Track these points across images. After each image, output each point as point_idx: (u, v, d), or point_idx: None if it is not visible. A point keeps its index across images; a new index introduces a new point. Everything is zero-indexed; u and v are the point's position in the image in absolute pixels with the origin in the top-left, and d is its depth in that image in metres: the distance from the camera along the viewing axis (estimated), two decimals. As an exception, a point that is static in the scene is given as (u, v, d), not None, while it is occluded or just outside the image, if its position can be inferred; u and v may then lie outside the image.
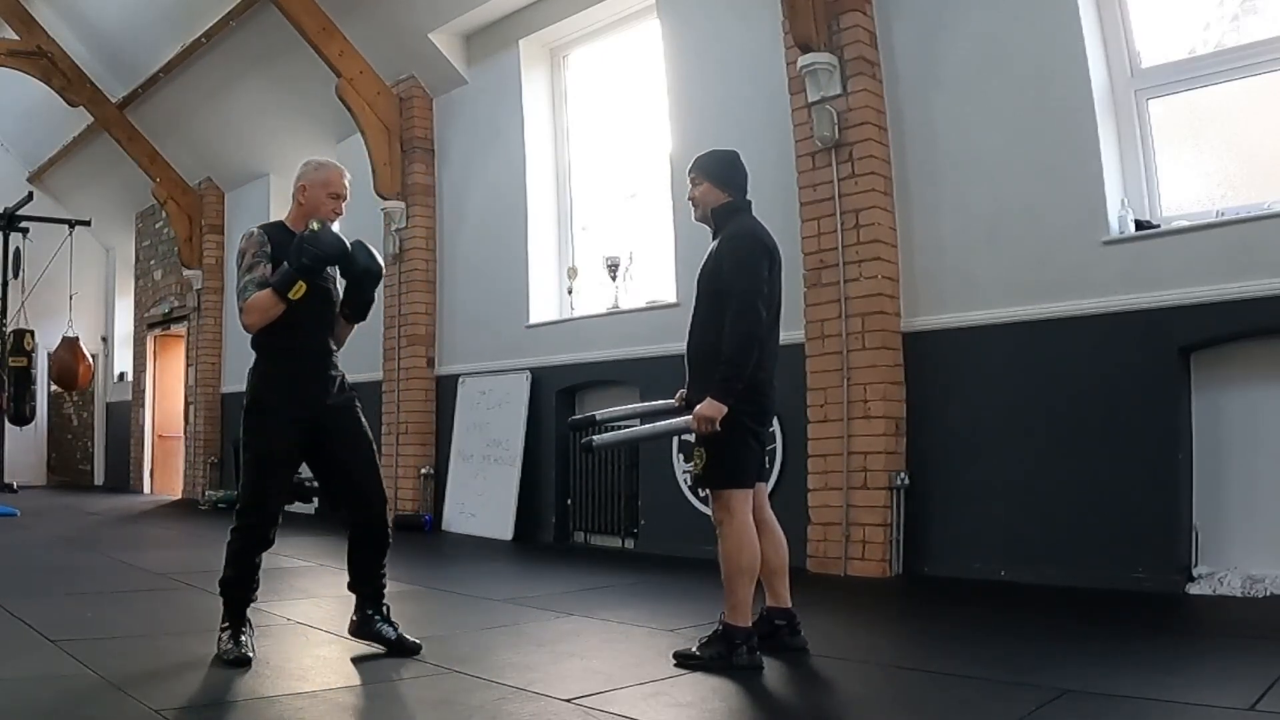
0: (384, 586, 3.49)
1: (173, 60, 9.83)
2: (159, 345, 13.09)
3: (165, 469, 12.57)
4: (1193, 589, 4.28)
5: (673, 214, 6.53)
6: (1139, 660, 3.22)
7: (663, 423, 3.53)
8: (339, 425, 3.42)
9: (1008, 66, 5.08)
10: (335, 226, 3.42)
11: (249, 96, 9.89)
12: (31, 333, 11.22)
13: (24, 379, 10.92)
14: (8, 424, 10.87)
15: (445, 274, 8.45)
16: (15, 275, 10.89)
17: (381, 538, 3.46)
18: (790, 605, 3.46)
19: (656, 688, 2.96)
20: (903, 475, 5.21)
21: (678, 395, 3.60)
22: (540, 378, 7.40)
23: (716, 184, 3.46)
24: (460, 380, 8.09)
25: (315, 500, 9.41)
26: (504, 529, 7.24)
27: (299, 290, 3.25)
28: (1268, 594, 4.09)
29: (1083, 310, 4.74)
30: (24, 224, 10.94)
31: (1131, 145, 4.87)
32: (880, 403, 5.23)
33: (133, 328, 13.78)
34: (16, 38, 10.75)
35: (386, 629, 3.41)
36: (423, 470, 8.24)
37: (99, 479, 14.39)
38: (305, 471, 3.55)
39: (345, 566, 3.47)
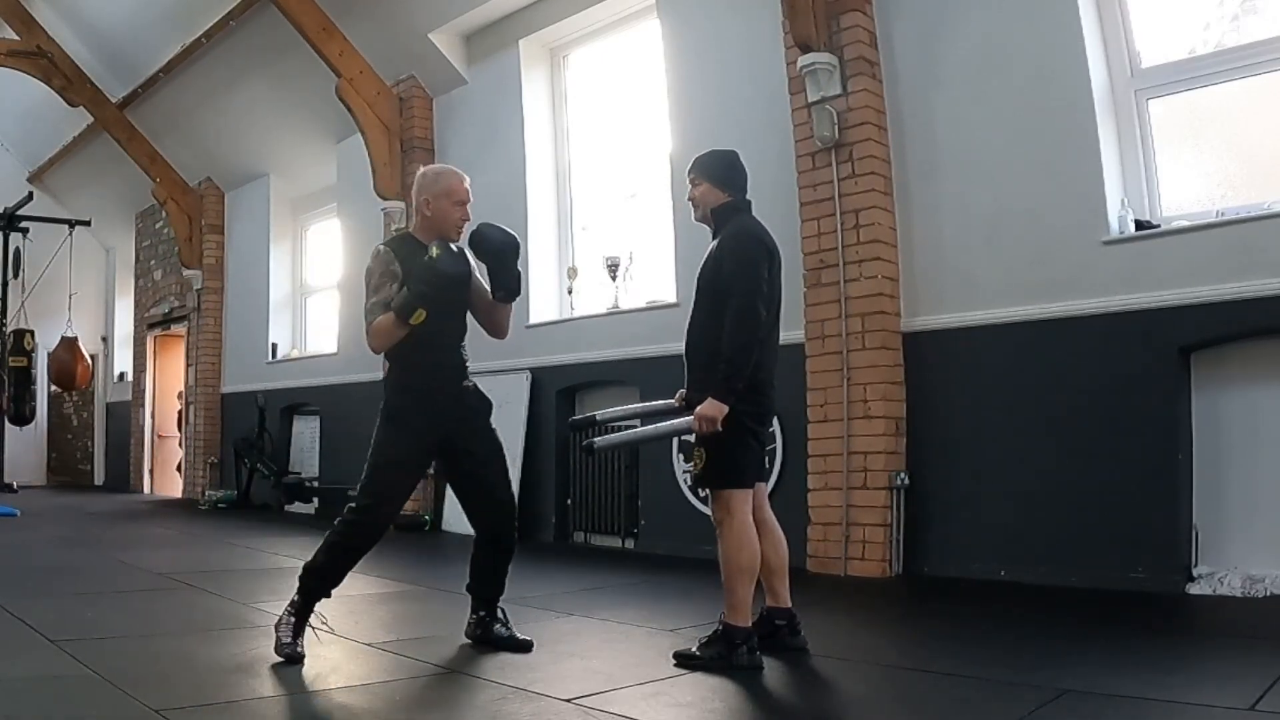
0: (502, 591, 3.58)
1: (173, 60, 9.84)
2: (159, 345, 13.09)
3: (165, 469, 12.56)
4: (1193, 589, 4.28)
5: (673, 214, 6.53)
6: (1139, 660, 3.22)
7: (664, 424, 3.53)
8: (471, 438, 3.48)
9: (1008, 66, 5.08)
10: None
11: (249, 96, 9.89)
12: (31, 333, 11.22)
13: (24, 379, 10.92)
14: (8, 424, 10.87)
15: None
16: (15, 275, 10.89)
17: (509, 547, 3.56)
18: (790, 605, 3.46)
19: (656, 688, 2.96)
20: (903, 475, 5.21)
21: (678, 395, 3.60)
22: (540, 378, 7.39)
23: (716, 184, 3.46)
24: (460, 380, 8.07)
25: (315, 500, 9.42)
26: (504, 529, 7.23)
27: (420, 317, 3.28)
28: (1268, 594, 4.09)
29: (1083, 310, 4.74)
30: (24, 224, 10.94)
31: (1131, 145, 4.87)
32: (880, 403, 5.23)
33: (133, 328, 13.78)
34: (16, 38, 10.76)
35: (501, 630, 3.49)
36: (423, 470, 8.23)
37: (99, 479, 14.39)
38: (306, 472, 3.57)
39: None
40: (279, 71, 9.25)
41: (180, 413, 12.04)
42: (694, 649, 3.23)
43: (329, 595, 3.36)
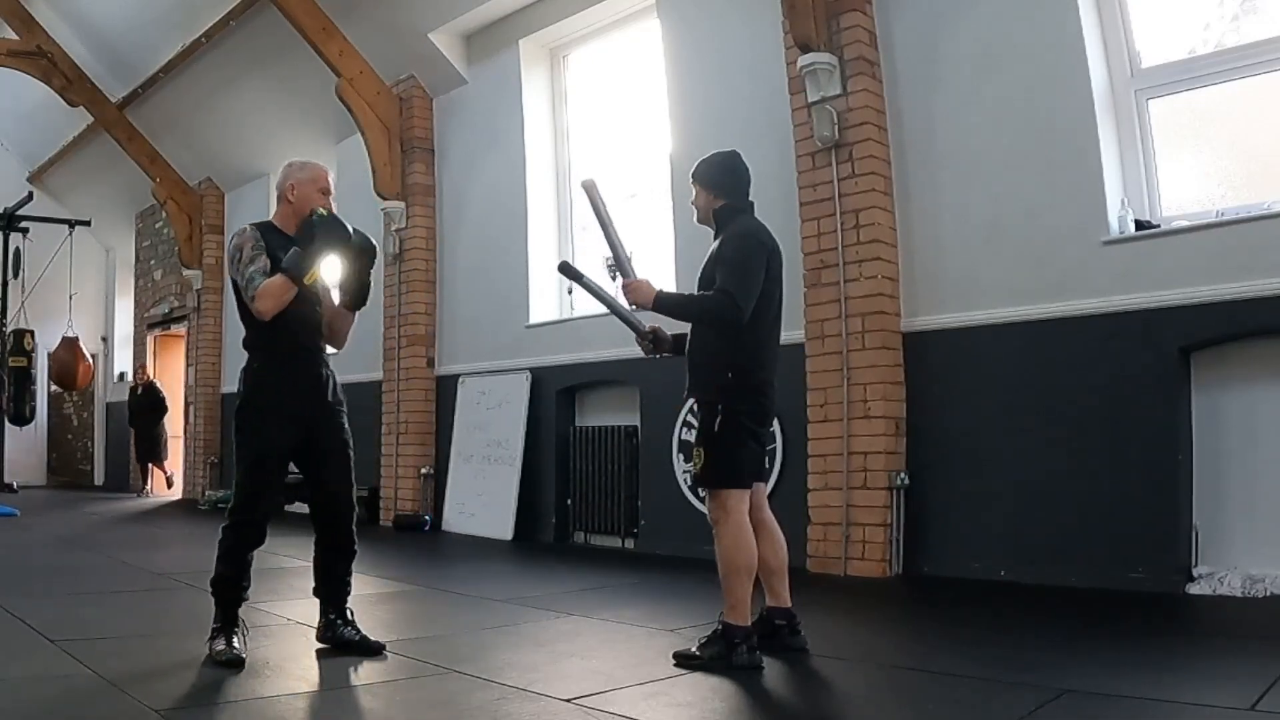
0: (349, 592, 3.50)
1: (173, 60, 9.84)
2: (159, 345, 13.09)
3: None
4: (1193, 589, 4.28)
5: (673, 214, 6.53)
6: (1139, 660, 3.22)
7: (622, 309, 3.56)
8: (324, 431, 3.43)
9: (1008, 66, 5.08)
10: None
11: (249, 96, 9.89)
12: (31, 333, 11.23)
13: (24, 379, 10.93)
14: (8, 424, 10.88)
15: (445, 274, 8.45)
16: (15, 275, 10.89)
17: (348, 546, 3.48)
18: (790, 605, 3.46)
19: (656, 688, 2.95)
20: (903, 475, 5.21)
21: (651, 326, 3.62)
22: (540, 378, 7.40)
23: (711, 190, 3.49)
24: (460, 380, 8.09)
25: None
26: (504, 529, 7.24)
27: (313, 275, 3.26)
28: (1268, 594, 4.09)
29: (1083, 310, 4.74)
30: (24, 224, 10.94)
31: (1131, 145, 4.87)
32: (880, 403, 5.23)
33: (133, 328, 13.79)
34: (16, 38, 10.76)
35: (349, 631, 3.43)
36: (423, 470, 8.24)
37: (99, 479, 14.39)
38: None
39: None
40: (279, 71, 9.25)
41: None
42: (693, 649, 3.24)
43: (246, 598, 3.35)
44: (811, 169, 5.55)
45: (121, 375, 14.24)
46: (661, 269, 6.80)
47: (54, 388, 13.37)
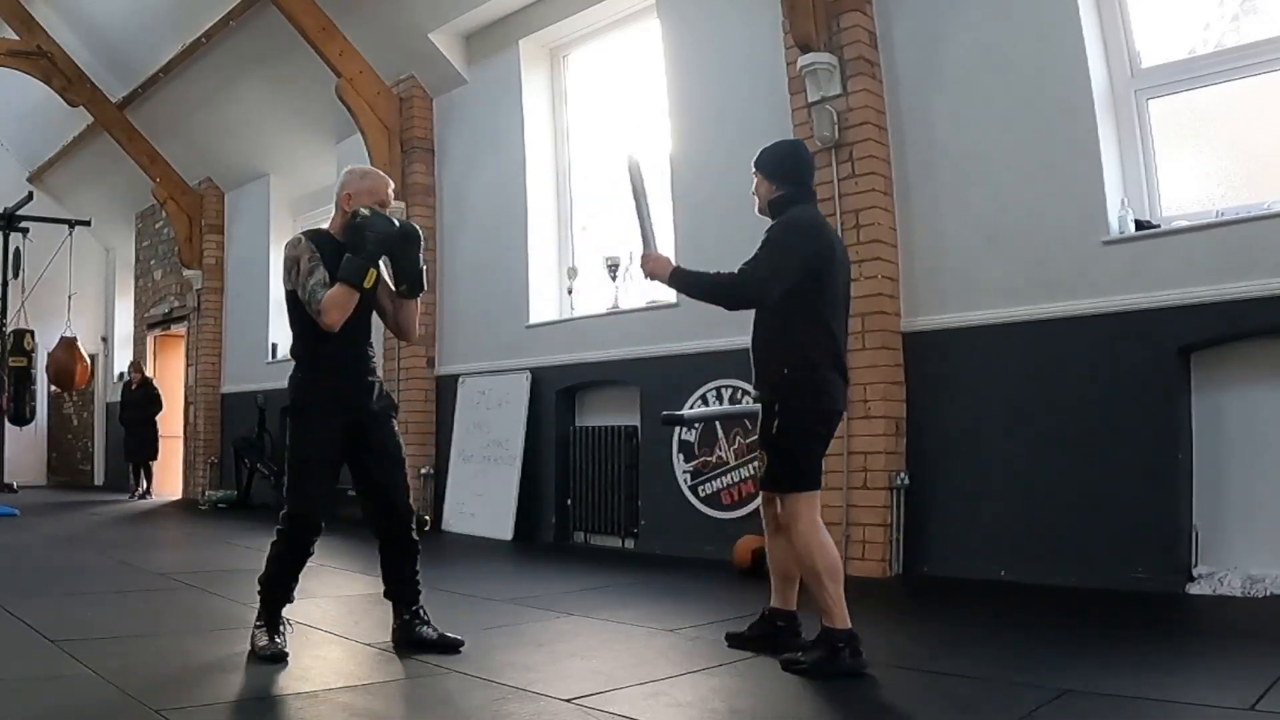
0: (419, 590, 3.52)
1: (173, 60, 9.84)
2: (159, 345, 13.09)
3: (165, 469, 12.56)
4: (1193, 589, 4.28)
5: (673, 214, 6.52)
6: (1139, 660, 3.22)
7: (739, 407, 3.47)
8: (374, 434, 3.44)
9: (1008, 66, 5.08)
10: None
11: (249, 96, 9.89)
12: (31, 333, 11.22)
13: (24, 379, 10.92)
14: (8, 424, 10.88)
15: (445, 274, 8.45)
16: (15, 275, 10.89)
17: (408, 544, 3.49)
18: (795, 609, 3.42)
19: (656, 688, 2.95)
20: (903, 475, 5.21)
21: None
22: (540, 378, 7.40)
23: (769, 177, 3.39)
24: (460, 380, 8.09)
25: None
26: (504, 529, 7.24)
27: (372, 278, 3.27)
28: (1268, 594, 4.09)
29: (1083, 310, 4.74)
30: (24, 224, 10.94)
31: (1131, 145, 4.87)
32: (880, 403, 5.22)
33: (133, 328, 13.79)
34: (16, 38, 10.76)
35: (426, 630, 3.45)
36: (423, 470, 8.24)
37: (99, 479, 14.39)
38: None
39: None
40: (279, 71, 9.25)
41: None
42: (799, 655, 3.13)
43: (291, 600, 3.39)
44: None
45: (121, 375, 14.25)
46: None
47: (54, 388, 13.36)
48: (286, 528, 3.34)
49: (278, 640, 3.28)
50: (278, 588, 3.35)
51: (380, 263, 3.38)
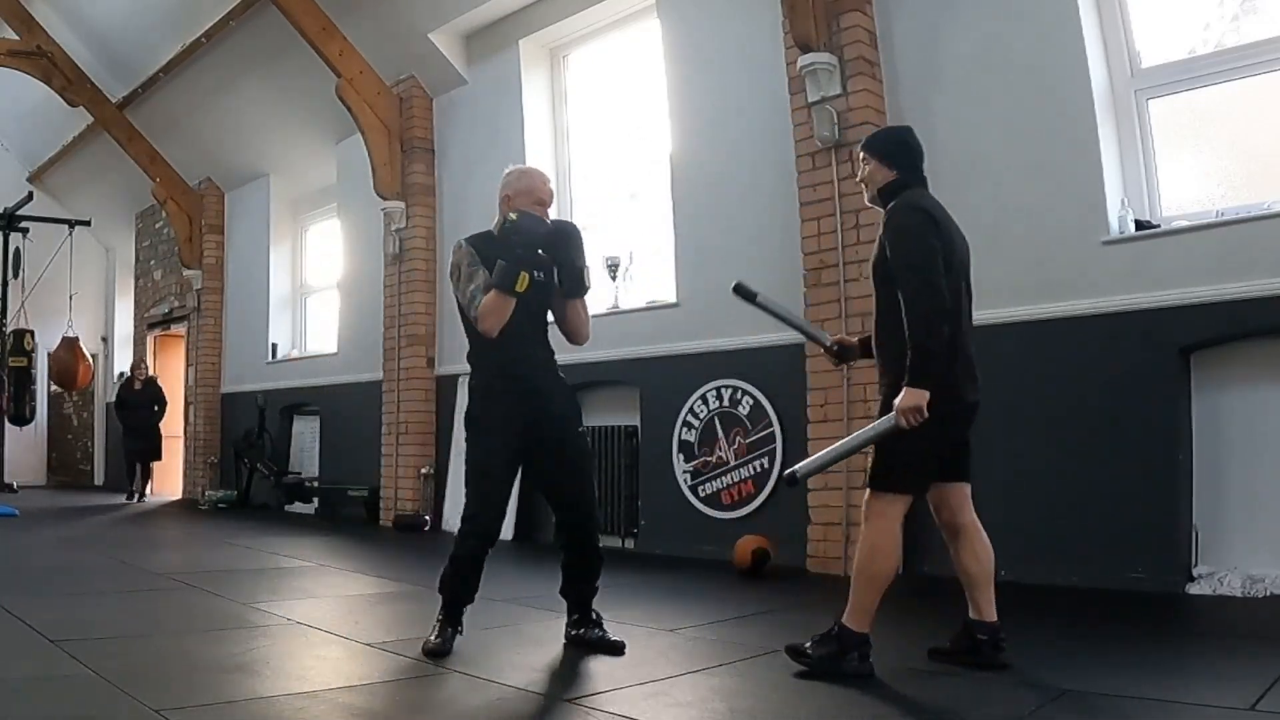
0: (595, 593, 3.55)
1: (173, 60, 9.84)
2: (159, 345, 13.09)
3: (165, 469, 12.56)
4: (1193, 589, 4.28)
5: (673, 214, 6.52)
6: (1139, 660, 3.22)
7: (865, 431, 3.17)
8: (551, 439, 3.42)
9: (1008, 66, 5.08)
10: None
11: (249, 96, 9.89)
12: (31, 333, 11.23)
13: (24, 379, 10.92)
14: (8, 424, 10.88)
15: (445, 274, 8.43)
16: (15, 275, 10.90)
17: (593, 551, 3.51)
18: (995, 620, 3.14)
19: (656, 688, 2.95)
20: (903, 475, 5.20)
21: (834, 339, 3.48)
22: (540, 378, 7.38)
23: (883, 160, 3.22)
24: (460, 380, 8.08)
25: (315, 500, 9.42)
26: (504, 529, 7.23)
27: (524, 282, 3.24)
28: (1268, 594, 4.09)
29: (1083, 310, 4.74)
30: (24, 224, 10.95)
31: (1131, 145, 4.87)
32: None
33: (133, 328, 13.79)
34: (16, 38, 10.77)
35: (596, 633, 3.48)
36: (423, 470, 8.25)
37: (99, 479, 14.39)
38: (306, 472, 3.56)
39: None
40: (279, 71, 9.25)
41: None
42: (806, 645, 3.09)
43: (471, 600, 3.42)
44: (811, 169, 5.54)
45: (121, 375, 14.25)
46: (661, 269, 6.82)
47: (54, 388, 13.36)
48: (464, 530, 3.36)
49: (445, 639, 3.33)
50: (455, 590, 3.38)
51: (533, 268, 3.33)
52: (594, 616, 3.53)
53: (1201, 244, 4.46)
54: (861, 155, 3.30)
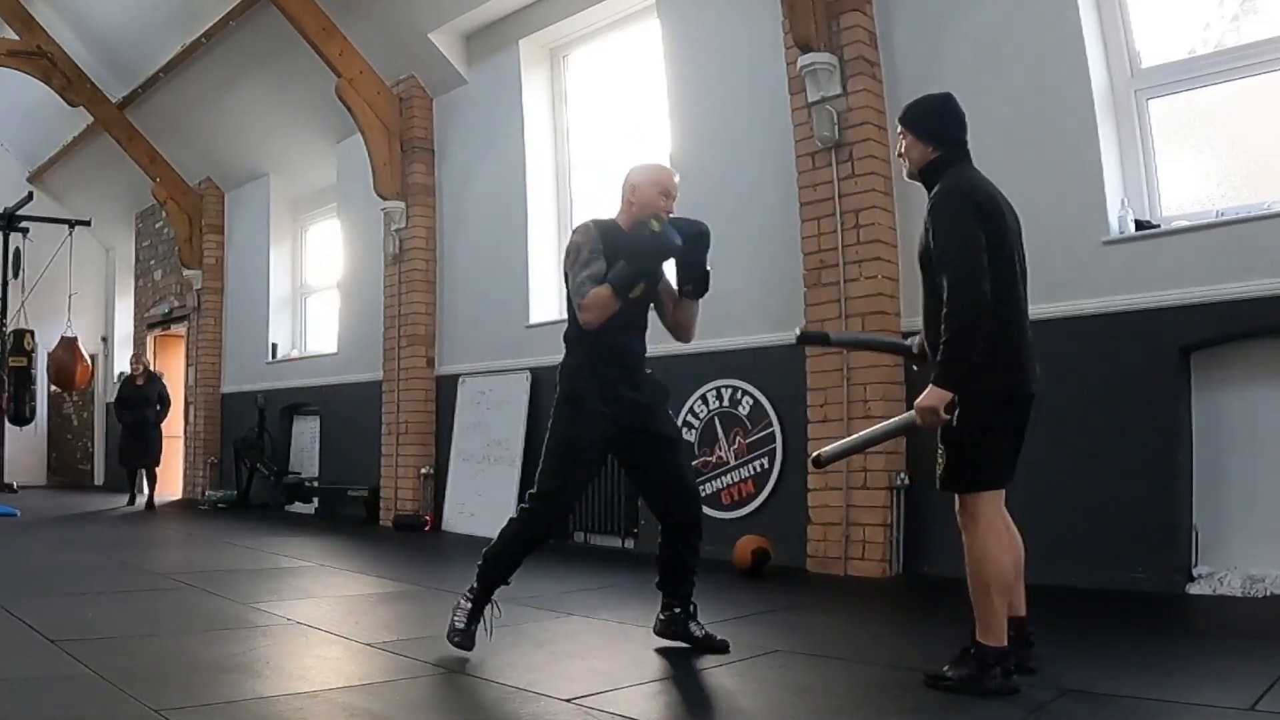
0: (693, 586, 3.50)
1: (173, 60, 9.84)
2: (159, 345, 13.08)
3: (165, 469, 12.55)
4: (1193, 589, 4.28)
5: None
6: (1139, 660, 3.22)
7: (888, 423, 3.10)
8: (650, 423, 3.40)
9: (1008, 66, 5.08)
10: None
11: (249, 96, 9.89)
12: (31, 333, 11.22)
13: (24, 379, 10.91)
14: (8, 424, 10.87)
15: (445, 274, 8.45)
16: (15, 275, 10.90)
17: (695, 536, 3.47)
18: (1024, 614, 3.02)
19: (656, 688, 2.96)
20: (903, 475, 5.21)
21: (915, 342, 3.25)
22: (540, 378, 7.38)
23: (920, 136, 3.03)
24: (460, 380, 8.09)
25: (315, 500, 9.42)
26: (504, 529, 7.23)
27: (639, 290, 3.24)
28: (1268, 594, 4.09)
29: (1083, 310, 4.74)
30: (24, 224, 10.94)
31: (1131, 145, 4.87)
32: (880, 403, 5.22)
33: (133, 328, 13.79)
34: (16, 38, 10.77)
35: (694, 627, 3.45)
36: (423, 470, 8.24)
37: (99, 479, 14.39)
38: (306, 472, 3.56)
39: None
40: (279, 71, 9.25)
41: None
42: (945, 669, 2.90)
43: (508, 583, 3.40)
44: (811, 169, 5.54)
45: (121, 375, 14.24)
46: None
47: (54, 388, 13.35)
48: (533, 507, 3.31)
49: (474, 629, 3.30)
50: (499, 568, 3.35)
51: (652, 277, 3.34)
52: (693, 609, 3.47)
53: (1201, 244, 4.46)
54: (900, 129, 3.13)
